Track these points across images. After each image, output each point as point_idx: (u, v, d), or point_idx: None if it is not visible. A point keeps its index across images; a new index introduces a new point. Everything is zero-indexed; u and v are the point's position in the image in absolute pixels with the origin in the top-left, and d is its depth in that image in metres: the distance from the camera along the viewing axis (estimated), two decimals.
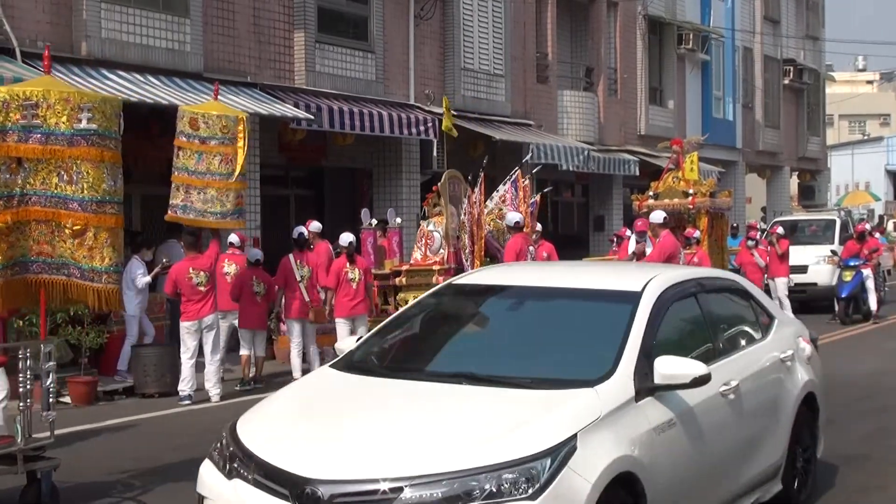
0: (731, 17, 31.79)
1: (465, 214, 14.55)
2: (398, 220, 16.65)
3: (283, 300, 13.29)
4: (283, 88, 16.60)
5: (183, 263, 11.96)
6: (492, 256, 15.24)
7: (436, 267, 14.20)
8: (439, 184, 14.59)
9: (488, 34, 21.22)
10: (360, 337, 6.34)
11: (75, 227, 7.23)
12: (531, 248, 14.80)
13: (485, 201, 15.57)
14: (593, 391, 5.01)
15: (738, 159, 32.86)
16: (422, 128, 18.29)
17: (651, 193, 18.44)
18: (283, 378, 12.68)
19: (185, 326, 11.84)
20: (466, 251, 14.47)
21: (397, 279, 14.57)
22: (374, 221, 16.44)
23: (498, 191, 16.65)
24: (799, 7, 37.35)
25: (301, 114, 15.72)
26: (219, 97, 12.39)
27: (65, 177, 7.17)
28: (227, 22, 16.07)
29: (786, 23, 36.12)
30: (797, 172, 39.67)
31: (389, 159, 19.46)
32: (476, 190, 14.84)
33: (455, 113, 18.44)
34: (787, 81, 35.76)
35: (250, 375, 12.89)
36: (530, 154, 19.64)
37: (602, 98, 25.62)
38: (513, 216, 14.79)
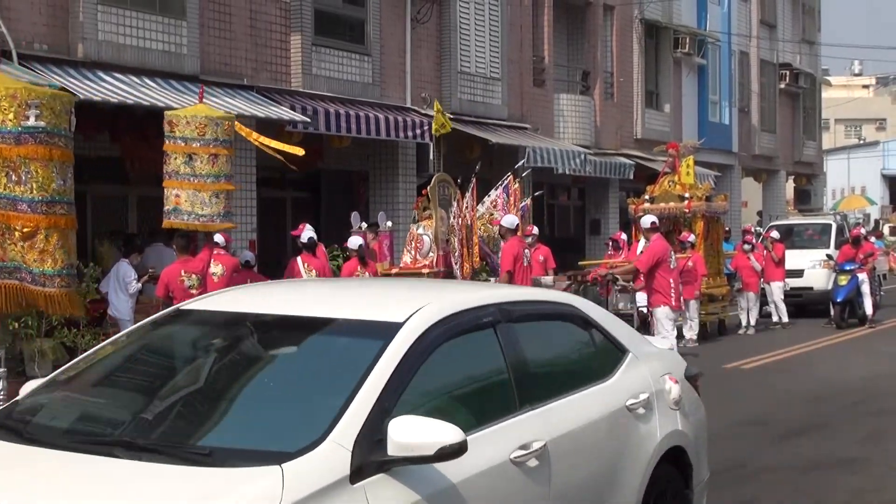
0: (727, 21, 31.84)
1: (454, 218, 14.53)
2: (388, 223, 16.63)
3: None
4: (279, 91, 16.58)
5: (175, 266, 11.80)
6: (485, 262, 15.25)
7: (425, 270, 14.16)
8: (428, 187, 14.59)
9: (485, 37, 21.22)
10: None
11: (25, 230, 6.96)
12: (527, 251, 14.79)
13: (476, 205, 15.56)
14: (278, 470, 3.55)
15: (734, 163, 32.88)
16: (418, 131, 18.27)
17: (647, 197, 18.49)
18: None
19: None
20: (456, 255, 14.45)
21: None
22: (364, 225, 16.42)
23: (490, 195, 16.65)
24: (795, 11, 37.40)
25: (297, 117, 15.70)
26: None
27: (13, 177, 6.91)
28: (224, 24, 16.05)
29: (782, 27, 36.17)
30: (793, 177, 39.70)
31: (386, 162, 19.46)
32: (467, 195, 14.82)
33: (451, 116, 18.43)
34: (783, 86, 35.79)
35: None
36: (526, 157, 19.63)
37: (598, 101, 25.64)
38: (511, 219, 14.73)
